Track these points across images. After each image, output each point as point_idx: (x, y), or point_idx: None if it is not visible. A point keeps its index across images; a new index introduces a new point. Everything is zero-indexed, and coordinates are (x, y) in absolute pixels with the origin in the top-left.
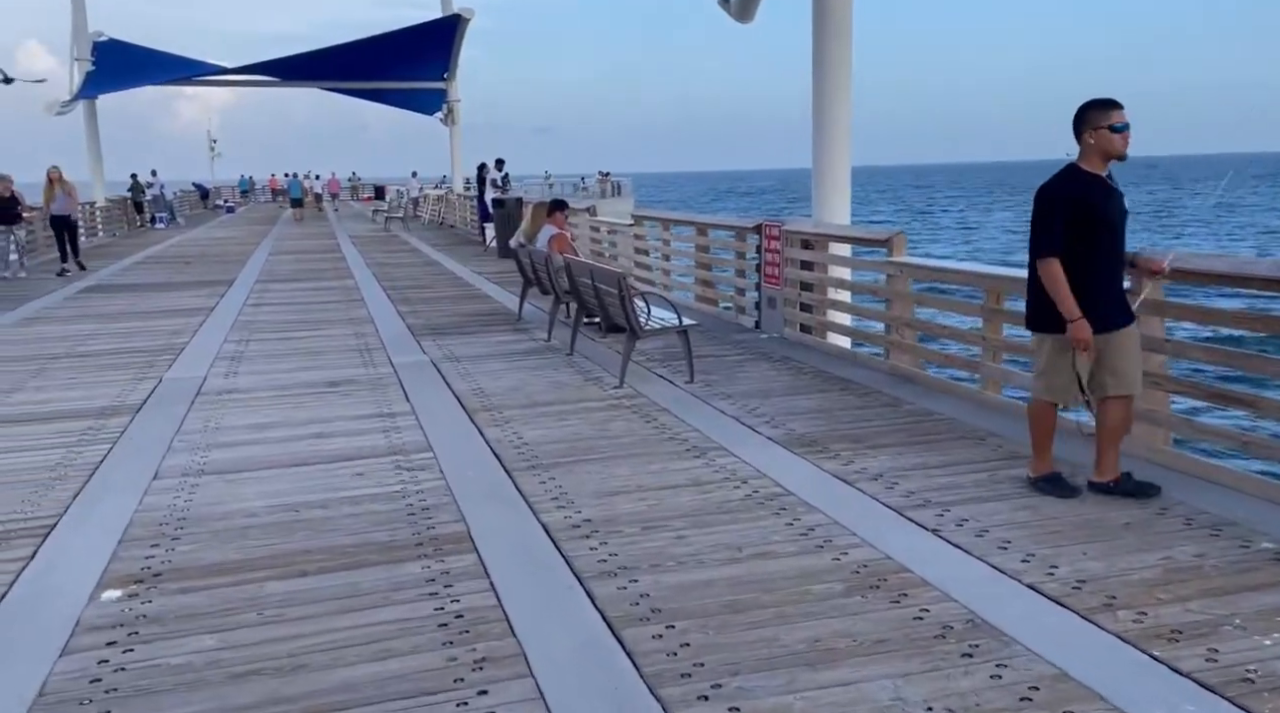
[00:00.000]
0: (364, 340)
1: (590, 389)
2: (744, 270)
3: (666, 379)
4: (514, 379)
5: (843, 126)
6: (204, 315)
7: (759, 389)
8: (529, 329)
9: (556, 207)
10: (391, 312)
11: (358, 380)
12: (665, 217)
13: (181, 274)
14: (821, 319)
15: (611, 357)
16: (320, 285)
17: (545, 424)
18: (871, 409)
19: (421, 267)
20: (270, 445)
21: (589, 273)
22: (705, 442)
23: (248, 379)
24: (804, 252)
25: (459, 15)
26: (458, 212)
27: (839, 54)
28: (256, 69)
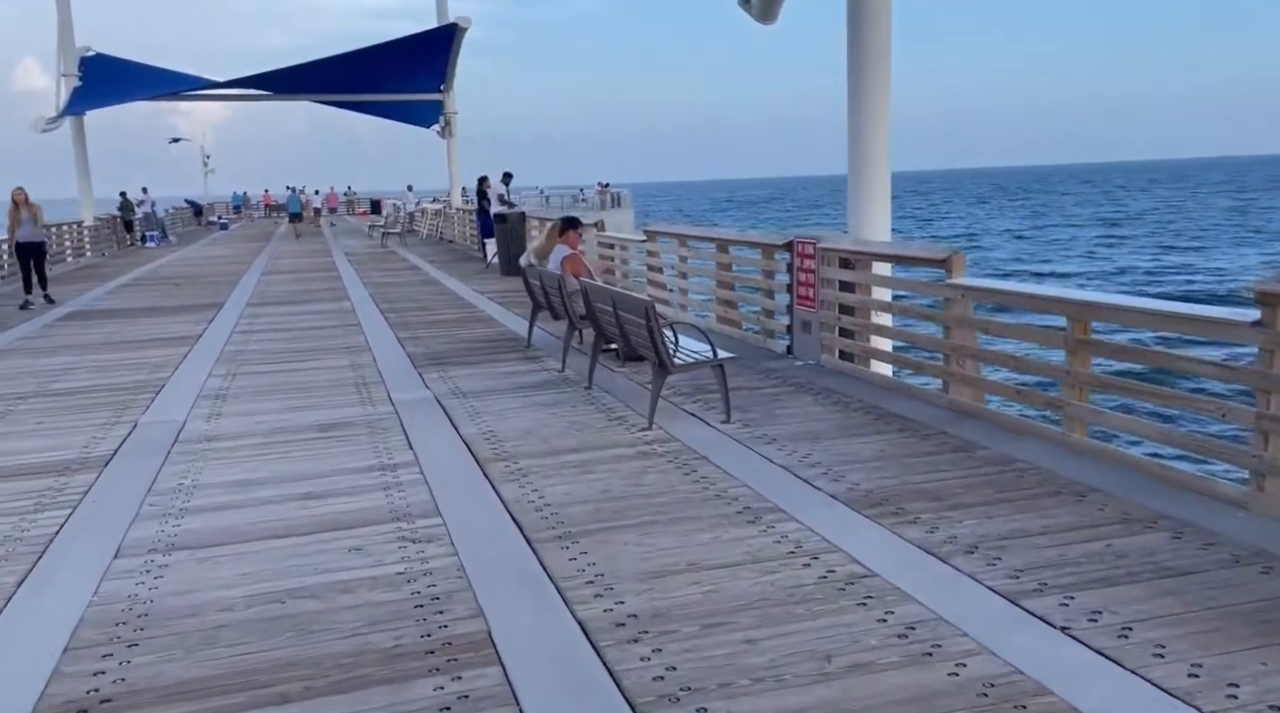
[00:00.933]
0: (361, 372)
1: (615, 432)
2: (772, 291)
3: (699, 418)
4: (528, 419)
5: (881, 133)
6: (190, 344)
7: (806, 430)
8: (540, 357)
9: (569, 225)
10: (390, 338)
11: (354, 423)
12: (682, 232)
13: (169, 297)
14: (865, 346)
15: (634, 390)
16: (314, 308)
17: (569, 477)
18: (941, 455)
19: (421, 286)
20: (253, 510)
21: (610, 300)
22: (757, 501)
23: (232, 423)
24: (843, 271)
25: (456, 24)
26: (456, 226)
27: (876, 53)
28: (248, 83)
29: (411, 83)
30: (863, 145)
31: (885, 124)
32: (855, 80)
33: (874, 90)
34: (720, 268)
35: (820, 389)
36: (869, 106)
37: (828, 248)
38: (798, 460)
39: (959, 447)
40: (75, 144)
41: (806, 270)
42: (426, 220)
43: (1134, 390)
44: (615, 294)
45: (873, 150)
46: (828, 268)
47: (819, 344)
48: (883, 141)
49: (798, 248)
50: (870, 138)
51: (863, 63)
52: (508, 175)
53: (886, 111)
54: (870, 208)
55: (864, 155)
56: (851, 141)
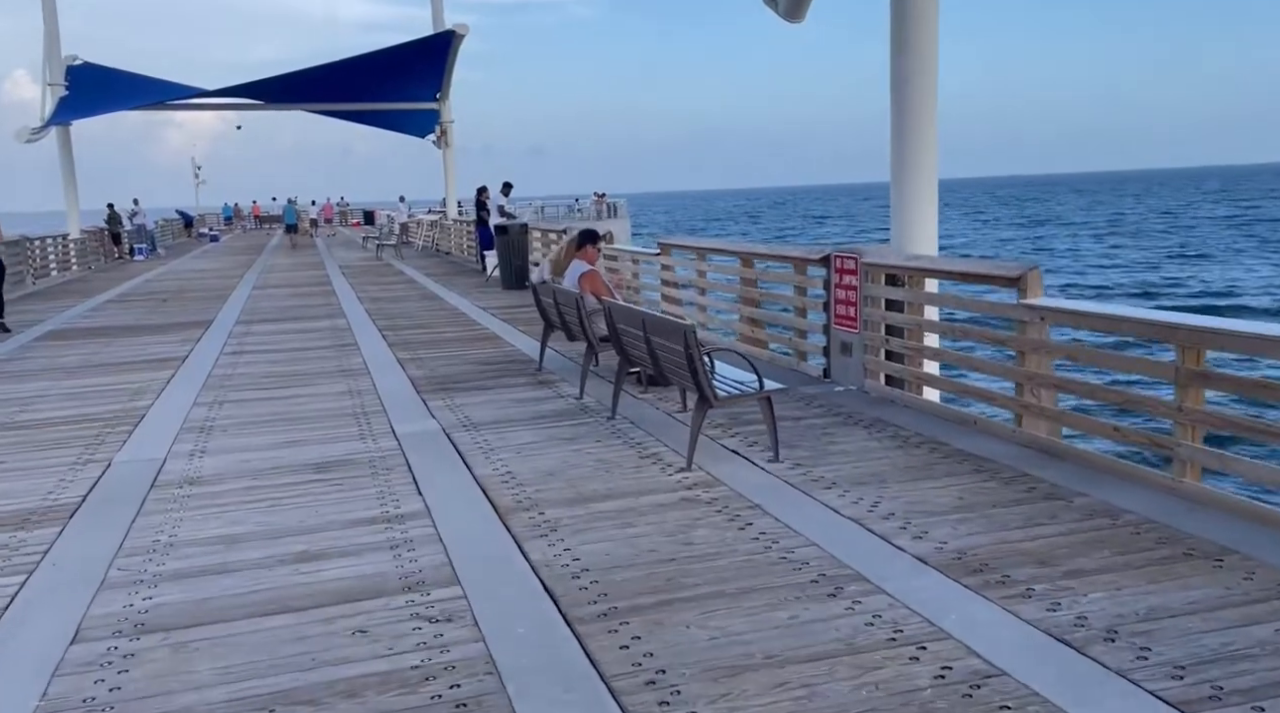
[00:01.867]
0: (359, 400)
1: (650, 473)
2: (805, 309)
3: (743, 456)
4: (550, 457)
5: (928, 138)
6: (174, 367)
7: (868, 472)
8: (553, 382)
9: (587, 239)
10: (390, 360)
11: (354, 461)
12: (701, 245)
13: (155, 314)
14: (918, 371)
15: (662, 420)
16: (308, 326)
17: (605, 532)
18: (1032, 504)
19: (420, 301)
20: (239, 576)
21: (640, 322)
22: (833, 565)
23: (217, 462)
24: (891, 289)
25: (453, 31)
26: (453, 238)
27: (923, 52)
28: (239, 91)
29: (407, 91)
30: (907, 151)
31: (932, 128)
32: (900, 81)
33: (919, 91)
34: (745, 284)
35: (871, 420)
36: (914, 108)
37: (873, 263)
38: (866, 511)
39: (1051, 493)
40: (61, 155)
41: (847, 287)
42: (422, 232)
43: (1258, 430)
44: (647, 316)
45: (918, 156)
46: (872, 285)
47: (862, 368)
48: (930, 147)
49: (836, 263)
50: (916, 143)
51: (907, 62)
52: (507, 186)
53: (933, 114)
54: (916, 219)
55: (909, 162)
56: (895, 147)
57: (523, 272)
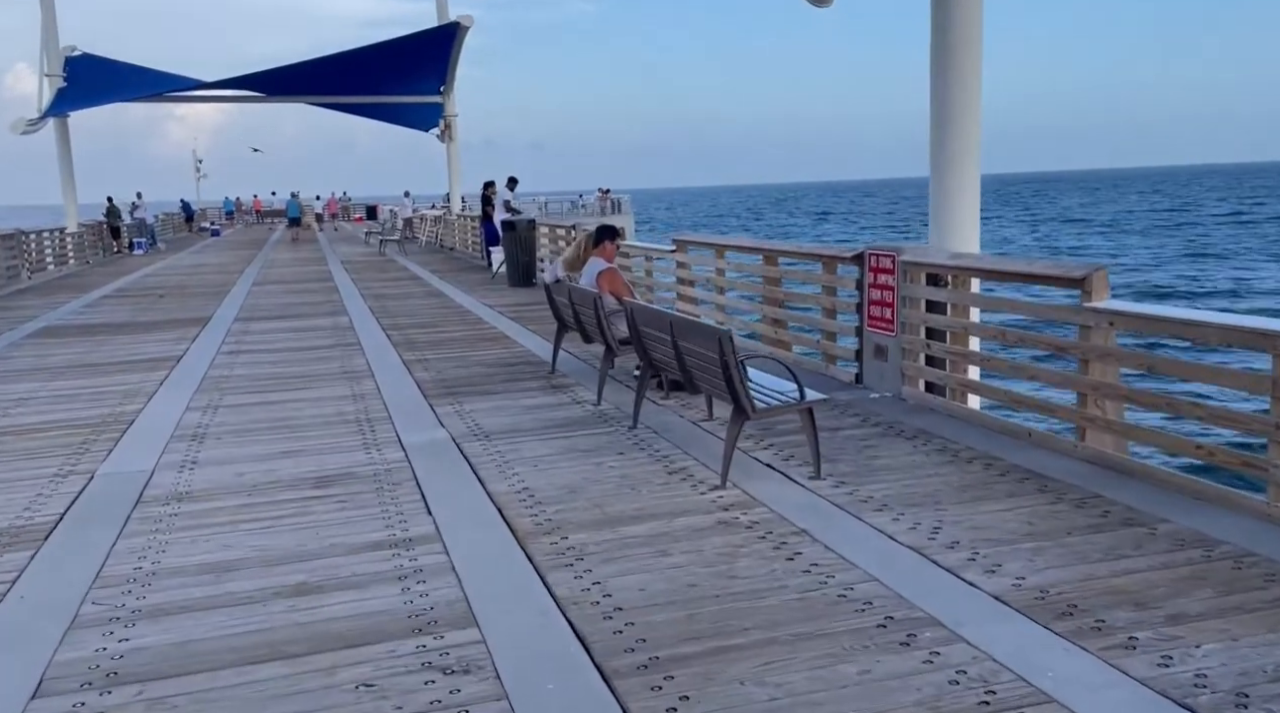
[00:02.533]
0: (363, 405)
1: (681, 491)
2: (835, 310)
3: (779, 471)
4: (570, 472)
5: (971, 130)
6: (168, 368)
7: (921, 491)
8: (568, 386)
9: (605, 235)
10: (395, 361)
11: (357, 475)
12: (720, 242)
13: (151, 311)
14: (962, 379)
15: (688, 430)
16: (309, 325)
17: (638, 562)
18: (1112, 531)
19: (425, 299)
20: (228, 613)
21: (667, 326)
22: (899, 605)
23: (208, 474)
24: (933, 289)
25: (458, 23)
26: (457, 233)
27: (966, 37)
28: (241, 83)
29: (410, 84)
30: (949, 144)
31: (976, 120)
32: (941, 69)
33: (962, 80)
34: (768, 283)
35: (914, 431)
36: (957, 99)
37: (912, 262)
38: (927, 538)
39: (1129, 519)
40: (59, 147)
41: (882, 287)
42: (426, 227)
43: None
44: (676, 320)
45: (960, 150)
46: (911, 285)
47: (899, 373)
48: (973, 140)
49: (870, 261)
50: (958, 135)
51: (949, 48)
52: (513, 181)
53: (977, 105)
54: (957, 216)
55: (950, 156)
56: (935, 140)
57: (530, 269)
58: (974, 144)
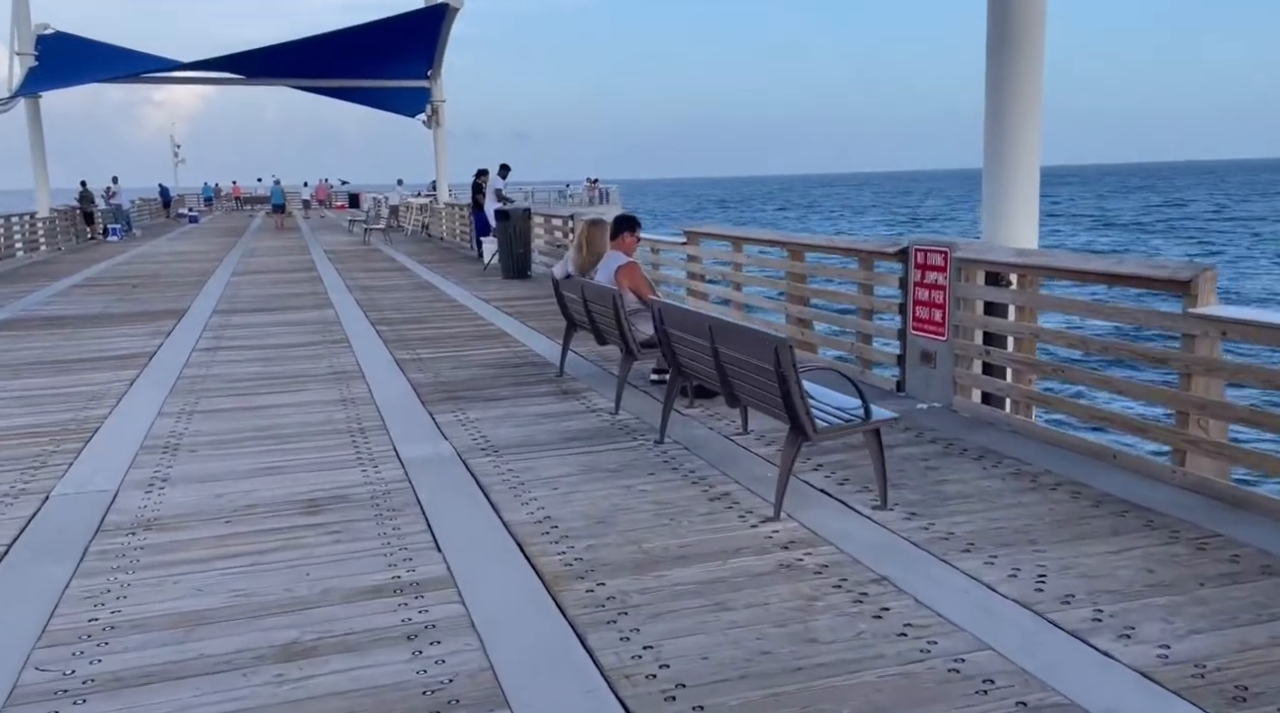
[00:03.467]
0: (354, 411)
1: (728, 522)
2: (872, 310)
3: (835, 498)
4: (596, 497)
5: (1031, 119)
6: (140, 366)
7: (1009, 526)
8: (580, 391)
9: (625, 226)
10: (387, 359)
11: (352, 498)
12: (737, 234)
13: (124, 301)
14: (1028, 390)
15: (723, 446)
16: (293, 318)
17: (692, 617)
18: (1254, 582)
19: (414, 291)
20: (198, 684)
21: (705, 330)
22: (1024, 682)
23: (181, 495)
24: (995, 290)
25: (446, 4)
26: (445, 223)
27: (1028, 20)
28: (220, 64)
29: (397, 68)
30: (1006, 134)
31: (1036, 107)
32: (999, 54)
33: (1023, 65)
34: (793, 279)
35: (978, 449)
36: (1016, 87)
37: (969, 259)
38: (1033, 589)
39: (1269, 566)
40: (31, 128)
41: (931, 286)
42: (411, 216)
43: None
44: (718, 323)
45: (1019, 141)
46: (966, 285)
47: (950, 382)
48: (1033, 129)
49: (917, 257)
50: (1016, 125)
51: (1009, 31)
52: (505, 168)
53: (1038, 92)
54: (1015, 209)
55: (1007, 146)
56: (990, 129)
57: (525, 260)
58: (1034, 138)
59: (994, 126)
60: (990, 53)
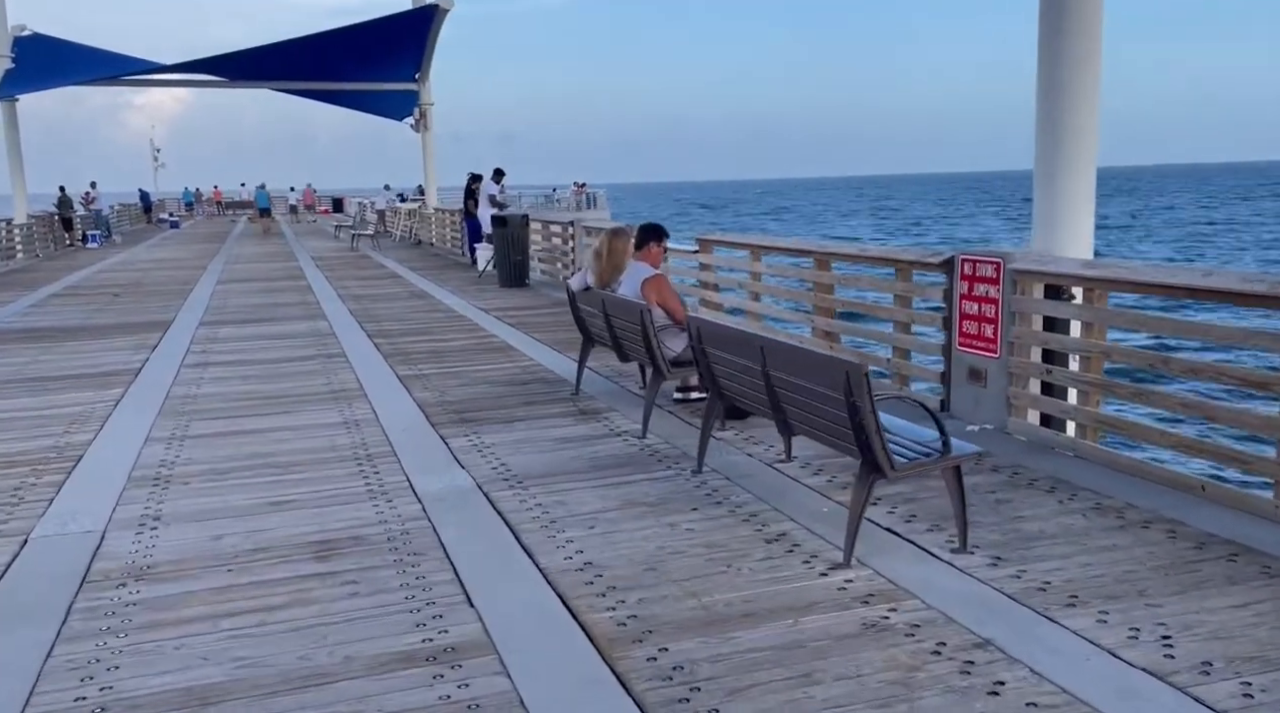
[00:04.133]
0: (359, 436)
1: (792, 570)
2: (909, 323)
3: (905, 538)
4: (638, 537)
5: (1088, 121)
6: (124, 384)
7: (1110, 575)
8: (599, 412)
9: (650, 235)
10: (388, 376)
11: (367, 539)
12: (755, 242)
13: (105, 312)
14: (1100, 414)
15: (767, 474)
16: (284, 330)
17: (779, 693)
18: None
19: (409, 300)
20: None
21: (756, 352)
22: None
23: (177, 538)
24: (1057, 304)
25: (436, 5)
26: (434, 228)
27: (1085, 16)
28: (201, 66)
29: (384, 70)
30: (1060, 136)
31: (1094, 109)
32: (1052, 52)
33: (1079, 65)
34: (819, 290)
35: (1048, 479)
36: (1071, 88)
37: (1025, 270)
38: (1161, 655)
39: None
40: (7, 132)
41: (981, 299)
42: (400, 221)
43: None
44: (770, 344)
45: (1074, 143)
46: (1022, 298)
47: (1003, 402)
48: (1089, 132)
49: (964, 268)
50: (1071, 127)
51: (1063, 28)
52: (499, 173)
53: (1096, 93)
54: (1069, 216)
55: (1061, 149)
56: (1042, 131)
57: (523, 268)
58: (1091, 141)
59: (1047, 126)
60: (1042, 47)
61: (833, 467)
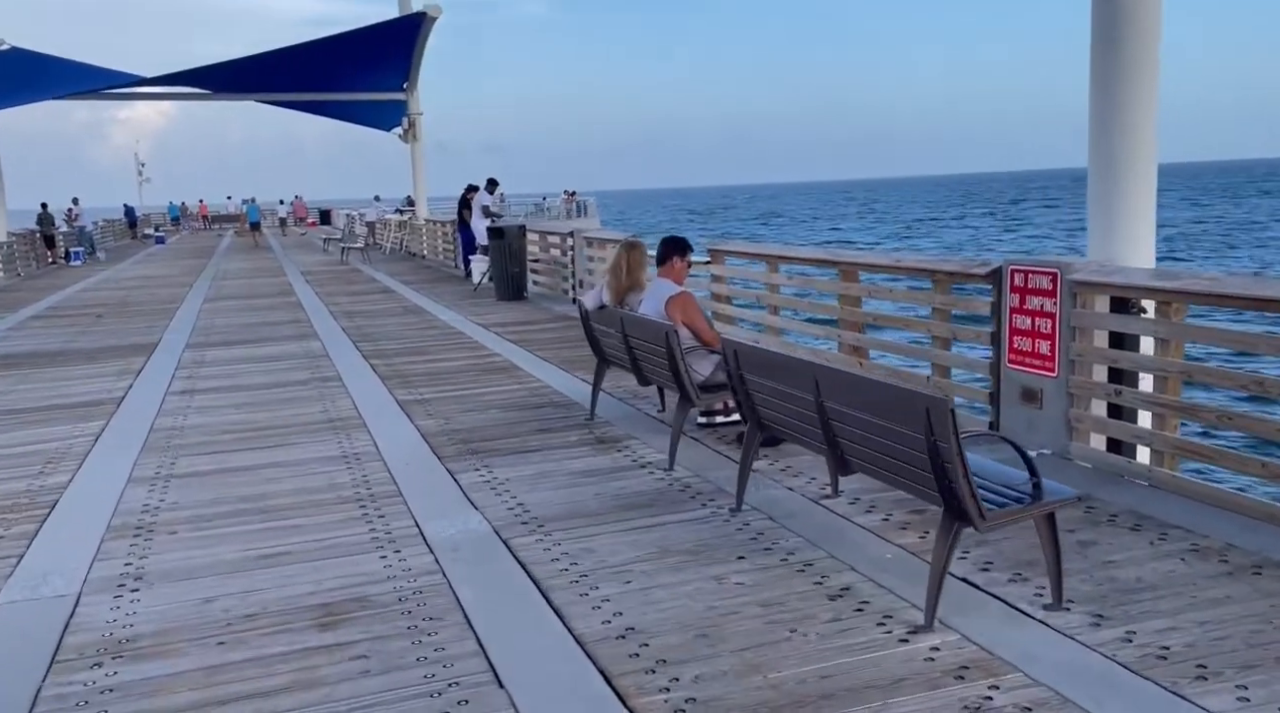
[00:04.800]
0: (360, 472)
1: (867, 634)
2: (949, 338)
3: (989, 593)
4: (681, 592)
5: (1145, 122)
6: (105, 416)
7: (1235, 636)
8: (618, 440)
9: (674, 249)
10: (387, 401)
11: (375, 601)
12: (774, 253)
13: (87, 334)
14: (1181, 440)
15: (815, 513)
16: (275, 351)
17: None
18: None
19: (404, 316)
20: None
21: (809, 381)
22: None
23: (161, 602)
24: (1126, 318)
25: (424, 13)
26: (426, 240)
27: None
28: (185, 79)
29: (371, 80)
30: (1116, 139)
31: (1152, 110)
32: (1107, 49)
33: (1135, 62)
34: (846, 303)
35: (1129, 514)
36: (1127, 88)
37: (1088, 281)
38: None
39: None
40: None
41: (1036, 313)
42: (390, 233)
43: None
44: (827, 373)
45: (1132, 146)
46: (1083, 311)
47: (1064, 425)
48: (1147, 134)
49: (1013, 279)
50: (1129, 129)
51: (1119, 22)
52: (493, 183)
53: (1154, 93)
54: (1127, 222)
55: (1118, 153)
56: (1097, 134)
57: (520, 280)
58: (1149, 143)
59: (1102, 128)
60: (1096, 39)
61: (885, 503)
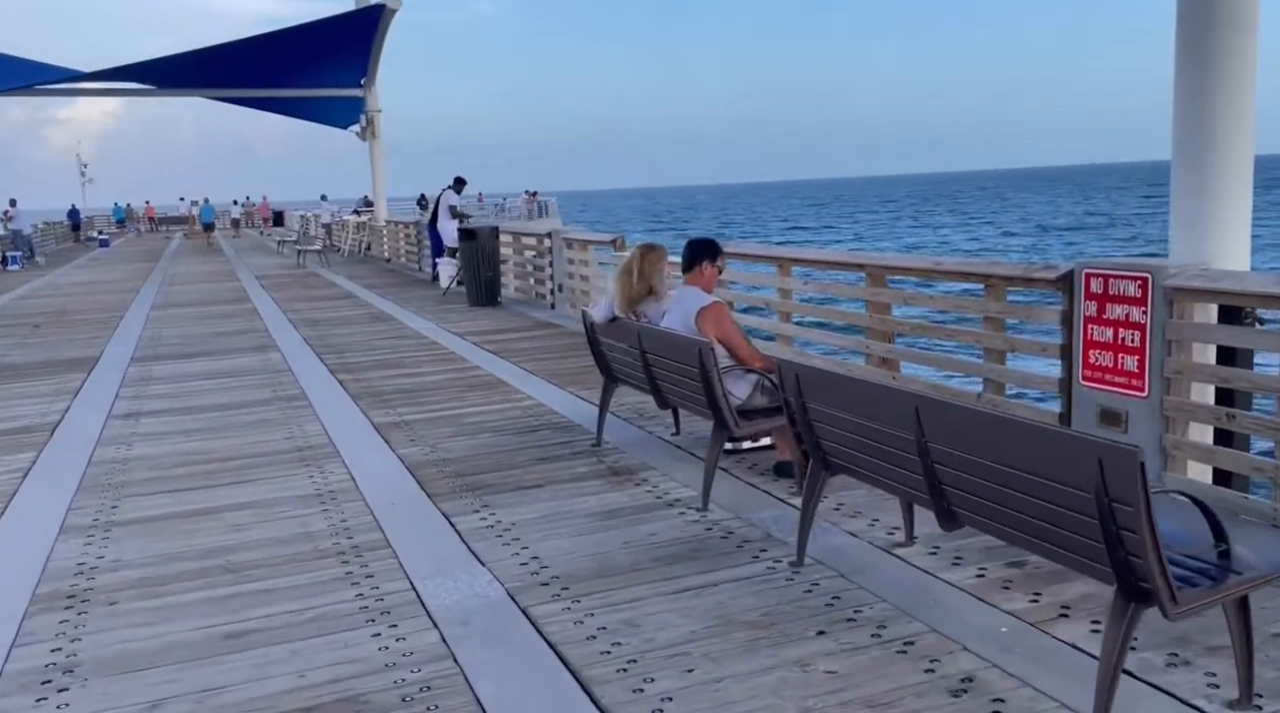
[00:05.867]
0: (338, 516)
1: None
2: (1005, 350)
3: (1158, 687)
4: (758, 685)
5: (1241, 114)
6: (37, 446)
7: None
8: (633, 469)
9: (703, 252)
10: (362, 424)
11: (371, 701)
12: (787, 256)
13: (22, 347)
14: None
15: (896, 571)
16: (231, 365)
17: None
18: None
19: (371, 324)
20: None
21: (908, 416)
22: None
23: (94, 699)
24: (1239, 331)
25: (383, 5)
26: (387, 242)
27: None
28: (128, 74)
29: (327, 76)
30: (1206, 133)
31: (1248, 85)
32: (1197, 34)
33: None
34: (873, 310)
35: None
36: (1219, 79)
37: (1188, 287)
38: None
39: None
40: None
41: (1117, 322)
42: (348, 235)
43: None
44: (932, 406)
45: (1225, 140)
46: (1181, 322)
47: (1158, 453)
48: (1244, 114)
49: (1089, 284)
50: (1224, 109)
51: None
52: (460, 182)
53: (1249, 83)
54: (1218, 219)
55: (1209, 149)
56: (1182, 128)
57: (494, 285)
58: (1245, 138)
59: (1191, 131)
60: (1181, 50)
61: (972, 552)
